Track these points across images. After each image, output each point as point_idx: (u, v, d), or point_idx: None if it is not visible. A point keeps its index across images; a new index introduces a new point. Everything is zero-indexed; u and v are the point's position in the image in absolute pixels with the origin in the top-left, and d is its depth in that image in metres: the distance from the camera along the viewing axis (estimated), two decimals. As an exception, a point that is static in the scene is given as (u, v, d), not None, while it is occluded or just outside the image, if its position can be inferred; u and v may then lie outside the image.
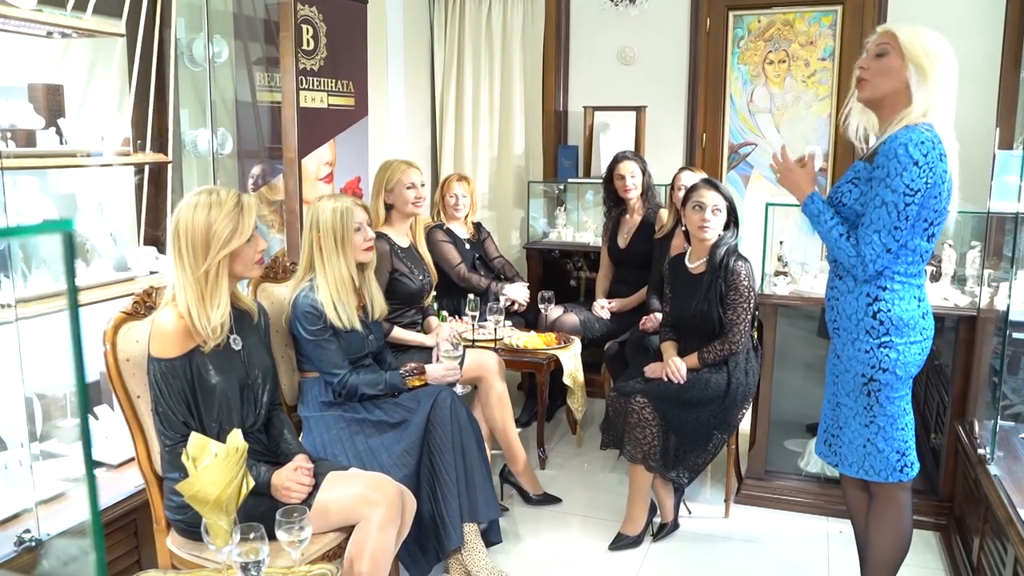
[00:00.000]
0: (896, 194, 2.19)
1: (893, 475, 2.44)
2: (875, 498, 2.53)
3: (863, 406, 2.42)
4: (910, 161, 2.16)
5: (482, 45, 5.11)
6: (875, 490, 2.53)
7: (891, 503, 2.50)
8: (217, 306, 2.22)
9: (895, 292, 2.32)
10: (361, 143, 4.33)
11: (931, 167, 2.18)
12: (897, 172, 2.17)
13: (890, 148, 2.20)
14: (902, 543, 2.52)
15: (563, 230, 5.06)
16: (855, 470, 2.49)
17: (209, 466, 1.84)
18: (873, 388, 2.38)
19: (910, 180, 2.17)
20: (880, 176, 2.22)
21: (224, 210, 2.22)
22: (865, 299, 2.33)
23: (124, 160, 2.88)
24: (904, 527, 2.51)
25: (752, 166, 4.87)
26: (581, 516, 3.47)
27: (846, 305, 2.39)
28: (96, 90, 3.09)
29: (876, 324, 2.32)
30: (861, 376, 2.38)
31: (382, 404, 2.88)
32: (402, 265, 3.41)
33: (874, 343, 2.33)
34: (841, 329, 2.43)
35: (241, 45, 3.59)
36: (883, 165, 2.20)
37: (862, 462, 2.47)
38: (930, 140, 2.18)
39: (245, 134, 3.63)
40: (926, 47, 2.22)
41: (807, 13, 4.61)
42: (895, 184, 2.18)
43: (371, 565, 2.27)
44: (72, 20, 2.71)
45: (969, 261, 3.57)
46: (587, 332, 4.20)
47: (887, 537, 2.52)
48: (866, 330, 2.34)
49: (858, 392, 2.41)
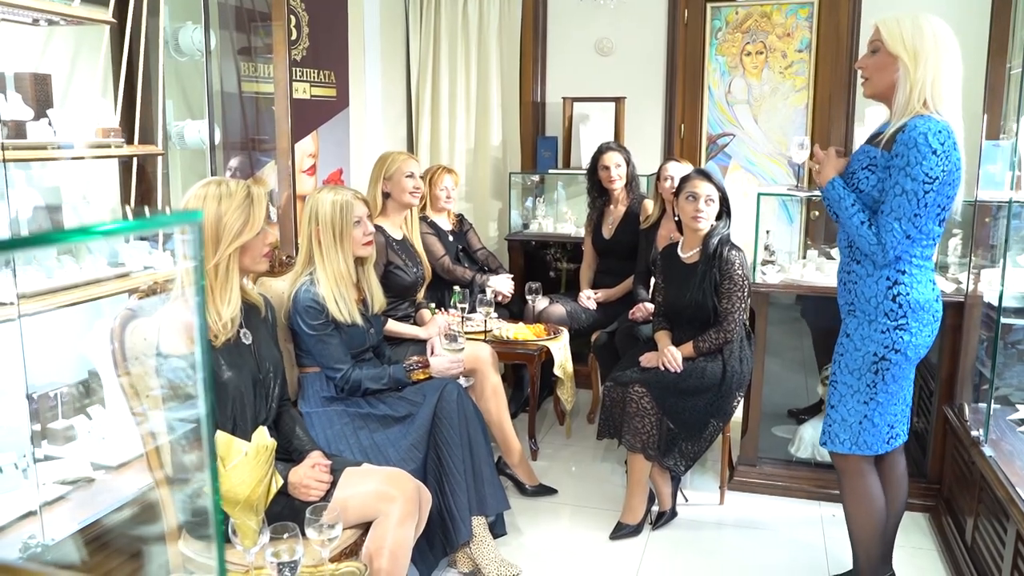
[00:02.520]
0: (916, 182, 2.24)
1: (882, 447, 2.54)
2: (843, 475, 2.63)
3: (867, 384, 2.48)
4: (929, 150, 2.21)
5: (458, 36, 5.07)
6: (843, 468, 2.62)
7: (860, 476, 2.59)
8: (228, 301, 2.18)
9: (913, 276, 2.39)
10: (343, 134, 4.27)
11: (947, 156, 2.24)
12: (917, 161, 2.22)
13: (909, 137, 2.24)
14: (878, 513, 2.62)
15: (543, 221, 5.05)
16: (847, 447, 2.55)
17: (239, 465, 1.80)
18: (883, 367, 2.45)
19: (929, 169, 2.22)
20: (899, 164, 2.26)
21: (235, 202, 2.17)
22: (885, 283, 2.39)
23: (116, 152, 2.78)
24: (877, 496, 2.60)
25: (730, 156, 4.91)
26: (577, 506, 3.47)
27: (865, 288, 2.44)
28: (80, 80, 2.99)
29: (895, 307, 2.38)
30: (873, 355, 2.45)
31: (386, 398, 2.84)
32: (397, 258, 3.37)
33: (891, 324, 2.40)
34: (858, 311, 2.48)
35: (226, 35, 3.51)
36: (903, 154, 2.25)
37: (856, 438, 2.54)
38: (946, 129, 2.24)
39: (230, 125, 3.55)
40: (905, 36, 2.27)
41: (784, 5, 4.67)
42: (915, 172, 2.23)
43: (391, 561, 2.25)
44: (60, 7, 2.62)
45: (951, 248, 3.65)
46: (573, 323, 4.20)
47: (864, 509, 2.61)
48: (885, 312, 2.40)
49: (865, 370, 2.47)
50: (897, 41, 2.28)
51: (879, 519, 2.62)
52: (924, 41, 2.26)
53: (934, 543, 3.19)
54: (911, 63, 2.26)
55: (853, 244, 2.46)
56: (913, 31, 2.27)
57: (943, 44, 2.26)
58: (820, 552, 3.14)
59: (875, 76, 2.36)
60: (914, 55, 2.26)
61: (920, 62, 2.25)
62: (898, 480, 2.71)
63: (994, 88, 3.21)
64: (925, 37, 2.26)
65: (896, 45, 2.28)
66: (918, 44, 2.26)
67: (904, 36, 2.27)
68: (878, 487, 2.61)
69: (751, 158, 4.87)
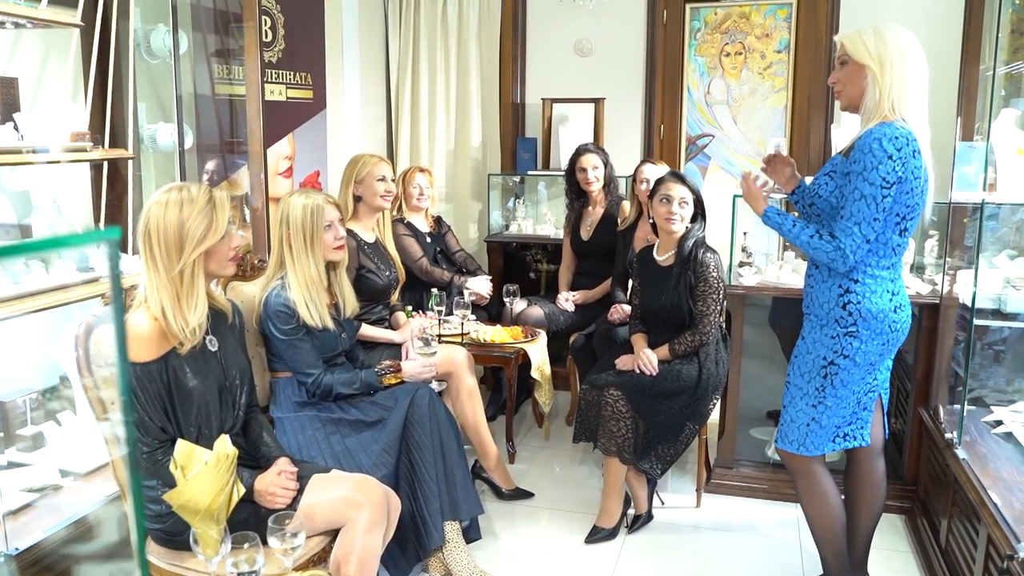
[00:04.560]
0: (874, 187, 2.26)
1: (828, 446, 2.56)
2: (795, 476, 2.65)
3: (815, 387, 2.51)
4: (885, 155, 2.24)
5: (438, 36, 5.05)
6: (794, 469, 2.64)
7: (811, 478, 2.61)
8: (194, 307, 2.15)
9: (866, 286, 2.40)
10: (320, 137, 4.25)
11: (904, 162, 2.26)
12: (873, 166, 2.25)
13: (865, 143, 2.28)
14: (835, 511, 2.63)
15: (523, 222, 5.04)
16: (795, 447, 2.58)
17: (199, 474, 1.78)
18: (831, 371, 2.47)
19: (886, 173, 2.25)
20: (857, 170, 2.29)
21: (196, 207, 2.15)
22: (837, 290, 2.42)
23: (84, 156, 2.76)
24: (831, 495, 2.62)
25: (709, 157, 4.91)
26: (554, 510, 3.47)
27: (819, 294, 2.49)
28: (49, 83, 2.96)
29: (845, 315, 2.42)
30: (822, 359, 2.48)
31: (358, 403, 2.83)
32: (369, 261, 3.36)
33: (841, 331, 2.43)
34: (812, 315, 2.54)
35: (200, 37, 3.48)
36: (859, 159, 2.29)
37: (803, 439, 2.56)
38: (904, 135, 2.26)
39: (205, 128, 3.53)
40: (869, 45, 2.32)
41: (763, 6, 4.67)
42: (872, 177, 2.26)
43: (359, 568, 2.24)
44: (27, 10, 2.59)
45: (927, 250, 3.66)
46: (552, 325, 4.19)
47: (820, 510, 2.63)
48: (835, 319, 2.44)
49: (814, 373, 2.50)
50: (862, 51, 2.32)
51: (837, 518, 2.64)
52: (887, 48, 2.30)
53: (909, 545, 3.20)
54: (879, 70, 2.30)
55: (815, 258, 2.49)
56: (876, 39, 2.31)
57: (907, 50, 2.30)
58: (796, 554, 3.14)
59: (847, 87, 2.41)
60: (880, 62, 2.30)
61: (887, 68, 2.29)
62: (874, 485, 2.71)
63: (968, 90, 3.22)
64: (888, 44, 2.30)
65: (862, 54, 2.32)
66: (882, 51, 2.30)
67: (868, 45, 2.31)
68: (831, 486, 2.62)
69: (730, 159, 4.87)
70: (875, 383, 2.56)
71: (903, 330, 2.47)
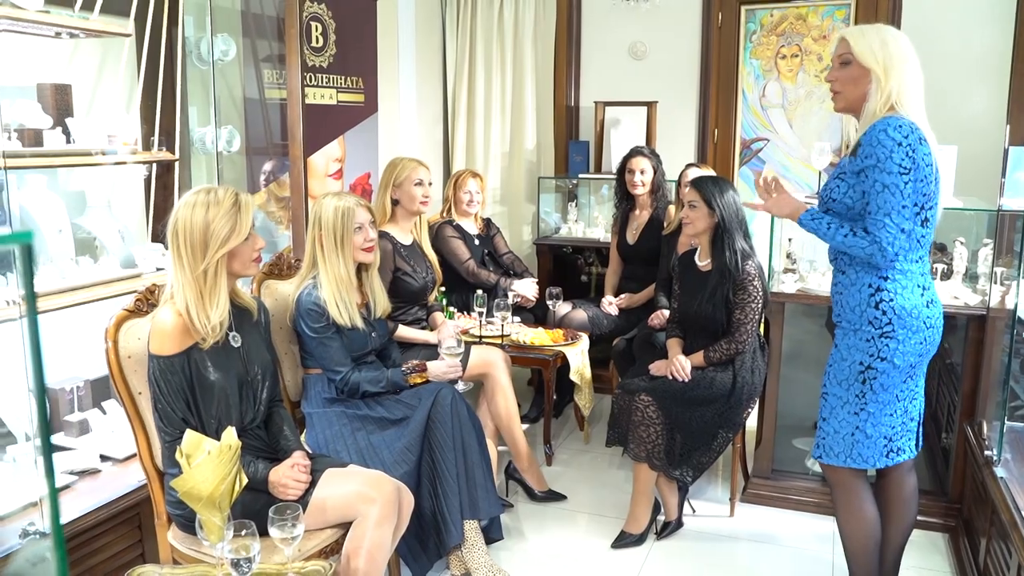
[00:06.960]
0: (892, 175, 2.24)
1: (880, 460, 2.49)
2: (835, 488, 2.59)
3: (855, 394, 2.45)
4: (894, 143, 2.23)
5: (494, 40, 5.10)
6: (835, 481, 2.58)
7: (850, 492, 2.55)
8: (216, 304, 2.24)
9: (897, 282, 2.35)
10: (371, 139, 4.35)
11: (913, 148, 2.24)
12: (886, 155, 2.24)
13: (872, 136, 2.26)
14: (871, 528, 2.56)
15: (574, 226, 5.05)
16: (842, 459, 2.51)
17: (202, 463, 1.86)
18: (869, 376, 2.41)
19: (900, 159, 2.24)
20: (871, 164, 2.27)
21: (222, 209, 2.24)
22: (867, 290, 2.37)
23: (133, 158, 2.91)
24: (868, 511, 2.55)
25: (764, 161, 4.83)
26: (586, 513, 3.47)
27: (848, 298, 2.43)
28: (105, 89, 3.13)
29: (879, 315, 2.36)
30: (859, 364, 2.42)
31: (384, 401, 2.89)
32: (404, 264, 3.42)
33: (875, 332, 2.37)
34: (843, 321, 2.48)
35: (249, 43, 3.62)
36: (870, 153, 2.27)
37: (850, 451, 2.49)
38: (907, 125, 2.25)
39: (253, 131, 3.66)
40: (875, 49, 2.30)
41: (820, 7, 4.57)
42: (888, 166, 2.24)
43: (368, 562, 2.29)
44: (79, 21, 2.74)
45: (981, 259, 3.52)
46: (595, 328, 4.19)
47: (856, 525, 2.57)
48: (869, 321, 2.38)
49: (852, 380, 2.44)
50: (868, 55, 2.30)
51: (872, 535, 2.57)
52: (890, 53, 2.29)
53: (949, 564, 3.09)
54: (883, 75, 2.28)
55: (839, 255, 2.45)
56: (881, 45, 2.29)
57: (908, 55, 2.30)
58: (827, 568, 3.07)
59: (847, 89, 2.38)
60: (885, 67, 2.28)
61: (891, 73, 2.28)
62: (905, 500, 2.64)
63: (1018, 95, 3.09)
64: (891, 49, 2.29)
65: (868, 58, 2.30)
66: (887, 56, 2.29)
67: (874, 49, 2.30)
68: (871, 504, 2.56)
69: (785, 163, 4.77)
70: (917, 389, 2.50)
71: (938, 327, 2.41)
